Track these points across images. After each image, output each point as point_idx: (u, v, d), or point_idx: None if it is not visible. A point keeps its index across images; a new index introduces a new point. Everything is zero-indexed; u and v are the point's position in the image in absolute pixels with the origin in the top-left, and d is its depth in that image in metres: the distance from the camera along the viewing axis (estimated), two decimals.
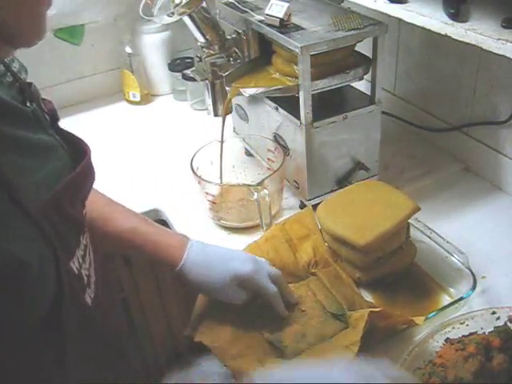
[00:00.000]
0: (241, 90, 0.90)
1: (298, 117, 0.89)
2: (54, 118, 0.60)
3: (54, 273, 0.49)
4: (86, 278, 0.57)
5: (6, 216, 0.44)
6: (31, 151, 0.51)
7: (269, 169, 1.01)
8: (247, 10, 0.95)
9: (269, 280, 0.75)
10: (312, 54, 0.81)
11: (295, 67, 0.86)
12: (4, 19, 0.45)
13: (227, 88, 0.92)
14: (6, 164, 0.45)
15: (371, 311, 0.70)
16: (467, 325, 0.69)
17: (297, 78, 0.85)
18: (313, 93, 0.86)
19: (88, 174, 0.60)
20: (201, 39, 0.95)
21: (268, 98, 0.97)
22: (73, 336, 0.52)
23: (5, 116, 0.49)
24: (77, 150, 0.59)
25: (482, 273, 0.82)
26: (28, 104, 0.55)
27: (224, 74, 0.92)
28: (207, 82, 1.00)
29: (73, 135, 0.61)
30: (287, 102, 0.93)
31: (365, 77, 0.92)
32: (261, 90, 0.89)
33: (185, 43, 1.46)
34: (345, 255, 0.82)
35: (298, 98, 0.86)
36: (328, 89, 0.88)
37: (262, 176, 0.98)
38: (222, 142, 1.00)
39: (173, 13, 0.88)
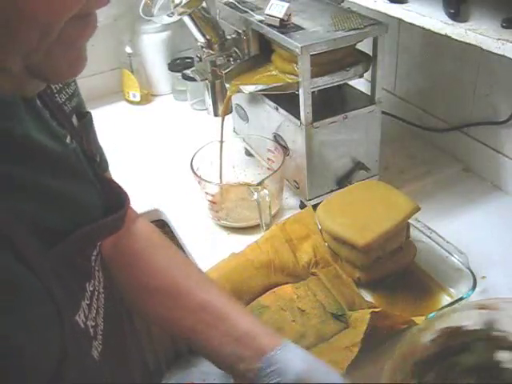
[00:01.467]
0: (240, 87, 0.90)
1: (298, 117, 0.89)
2: (92, 160, 0.54)
3: (58, 336, 0.42)
4: (92, 330, 0.50)
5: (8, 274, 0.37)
6: (50, 196, 0.44)
7: (269, 169, 1.01)
8: (247, 9, 0.95)
9: None
10: (312, 54, 0.82)
11: (295, 66, 0.86)
12: (39, 61, 0.38)
13: (227, 85, 0.92)
14: (12, 210, 0.39)
15: (372, 312, 0.70)
16: None
17: (297, 75, 0.85)
18: (313, 90, 0.85)
19: (111, 228, 0.52)
20: (201, 39, 0.95)
21: (268, 98, 0.97)
22: None
23: (34, 159, 0.43)
24: (113, 200, 0.53)
25: (482, 273, 0.82)
26: (68, 140, 0.49)
27: (224, 71, 0.92)
28: (207, 81, 1.00)
29: (113, 182, 0.55)
30: (287, 102, 0.93)
31: (365, 77, 0.92)
32: (260, 86, 0.89)
33: (185, 43, 1.46)
34: (345, 255, 0.82)
35: (298, 97, 0.86)
36: (328, 86, 0.88)
37: (262, 176, 0.98)
38: (221, 141, 1.00)
39: (173, 13, 0.88)
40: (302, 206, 0.98)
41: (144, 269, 0.68)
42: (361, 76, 0.91)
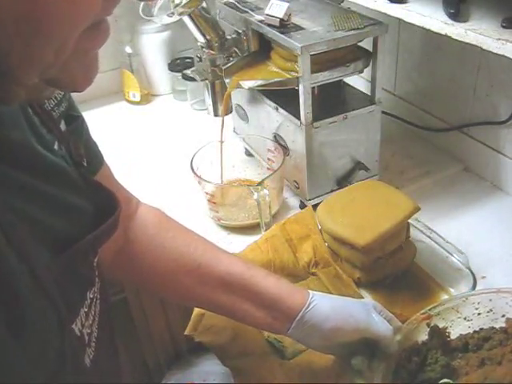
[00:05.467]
0: (240, 82, 0.89)
1: (298, 117, 0.89)
2: (80, 165, 0.54)
3: (58, 344, 0.42)
4: (87, 338, 0.49)
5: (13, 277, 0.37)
6: (47, 204, 0.44)
7: (269, 169, 1.01)
8: (247, 10, 0.95)
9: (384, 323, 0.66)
10: (312, 53, 0.82)
11: (295, 64, 0.86)
12: (55, 74, 0.38)
13: (226, 80, 0.92)
14: (15, 215, 0.39)
15: None
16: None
17: (296, 72, 0.85)
18: (312, 86, 0.85)
19: (110, 232, 0.52)
20: (201, 39, 0.95)
21: (268, 97, 0.97)
22: None
23: (31, 165, 0.43)
24: (104, 204, 0.53)
25: (482, 273, 0.82)
26: (56, 147, 0.49)
27: (223, 67, 0.92)
28: (207, 81, 1.00)
29: (101, 187, 0.55)
30: (287, 102, 0.93)
31: (365, 77, 0.92)
32: (260, 82, 0.88)
33: (185, 43, 1.45)
34: (345, 255, 0.82)
35: (298, 97, 0.86)
36: (328, 81, 0.87)
37: (262, 176, 0.98)
38: (221, 141, 1.00)
39: (173, 13, 0.88)
40: (302, 206, 0.98)
41: (160, 254, 0.68)
42: (361, 71, 0.90)
